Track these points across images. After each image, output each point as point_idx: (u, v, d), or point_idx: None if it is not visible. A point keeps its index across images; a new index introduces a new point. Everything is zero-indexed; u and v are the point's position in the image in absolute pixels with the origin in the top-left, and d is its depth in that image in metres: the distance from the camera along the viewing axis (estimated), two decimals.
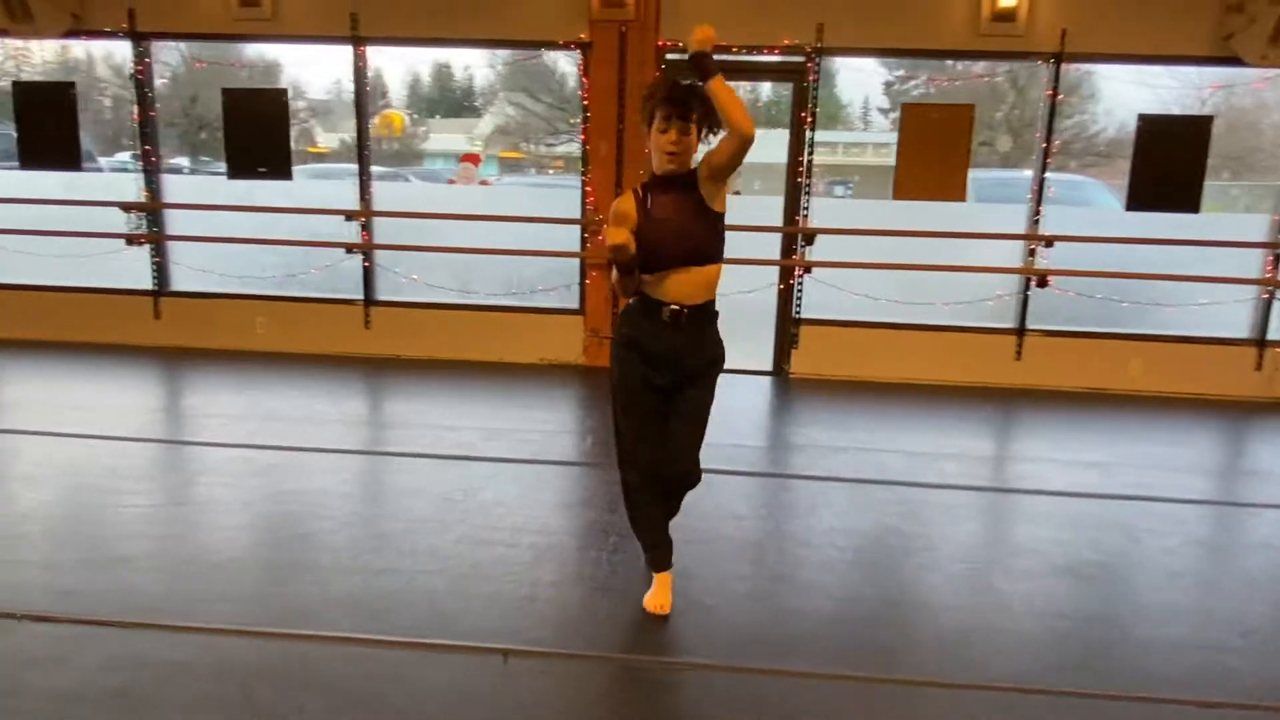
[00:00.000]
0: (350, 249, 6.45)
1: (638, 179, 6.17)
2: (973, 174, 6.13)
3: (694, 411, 2.92)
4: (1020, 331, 6.34)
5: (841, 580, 3.32)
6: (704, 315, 2.86)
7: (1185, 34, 5.81)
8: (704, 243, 2.80)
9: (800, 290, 6.36)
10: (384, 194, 6.65)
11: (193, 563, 3.26)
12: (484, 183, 6.59)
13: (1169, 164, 5.93)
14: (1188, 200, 5.97)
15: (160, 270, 6.77)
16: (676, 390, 2.91)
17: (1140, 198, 6.01)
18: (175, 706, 2.37)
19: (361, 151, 6.46)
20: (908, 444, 4.98)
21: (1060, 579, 3.37)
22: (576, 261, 6.51)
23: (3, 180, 7.04)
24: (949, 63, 6.43)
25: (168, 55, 6.86)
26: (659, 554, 3.04)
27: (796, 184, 6.26)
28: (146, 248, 6.66)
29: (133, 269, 6.74)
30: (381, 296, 6.75)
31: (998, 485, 4.45)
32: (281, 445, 4.56)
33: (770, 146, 7.29)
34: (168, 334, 6.81)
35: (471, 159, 6.40)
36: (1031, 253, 6.22)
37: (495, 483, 4.12)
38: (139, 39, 6.38)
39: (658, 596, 2.99)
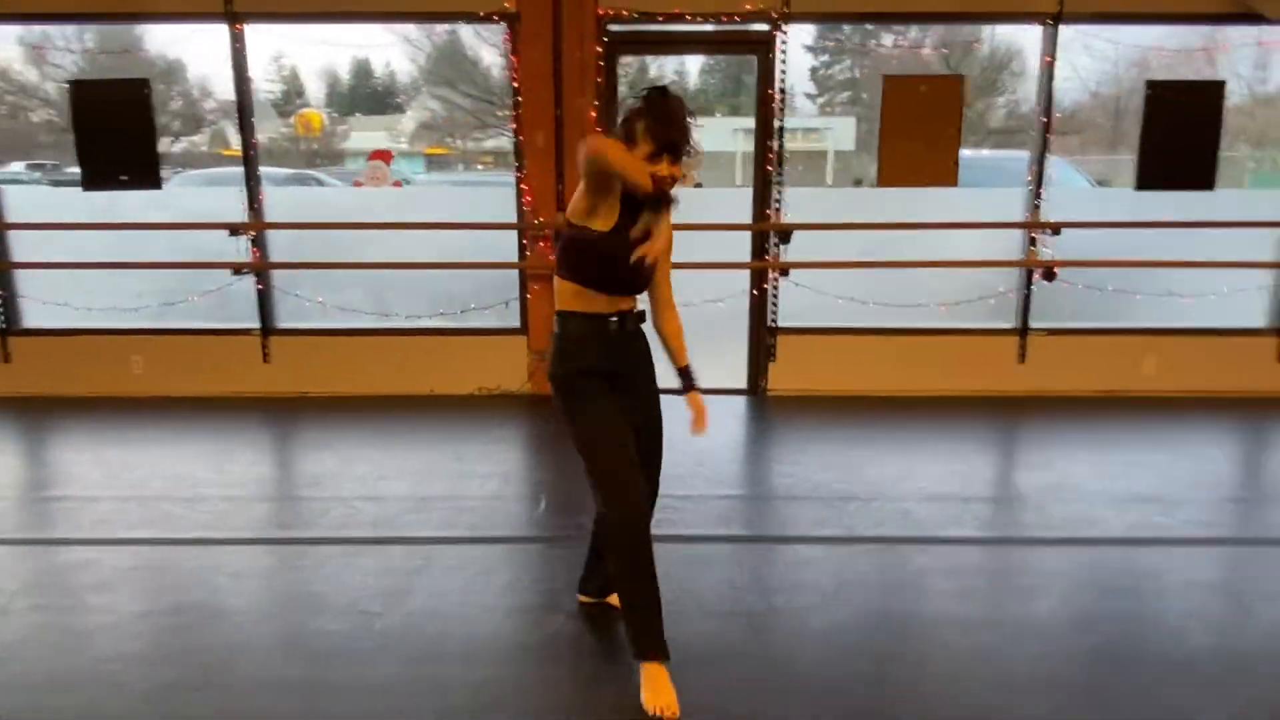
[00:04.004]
0: (239, 270, 5.36)
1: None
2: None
3: (658, 422, 2.61)
4: (1023, 331, 5.61)
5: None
6: (637, 316, 2.56)
7: None
8: (650, 276, 2.52)
9: (776, 296, 5.52)
10: (281, 202, 5.58)
11: None
12: (397, 184, 5.57)
13: (1181, 137, 5.26)
14: (1202, 176, 5.32)
15: (6, 305, 5.57)
16: (635, 403, 2.53)
17: (1151, 176, 5.32)
18: None
19: (248, 152, 5.37)
20: (907, 479, 4.14)
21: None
22: (515, 273, 5.56)
23: None
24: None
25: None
26: (659, 624, 2.40)
27: (765, 174, 5.41)
28: None
29: None
30: (283, 324, 5.68)
31: (1007, 535, 3.61)
32: (148, 538, 3.52)
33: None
34: (20, 381, 5.62)
35: (383, 156, 5.39)
36: (1033, 242, 5.50)
37: (427, 578, 3.16)
38: None
39: (661, 692, 2.35)
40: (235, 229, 5.28)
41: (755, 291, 5.51)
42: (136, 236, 5.46)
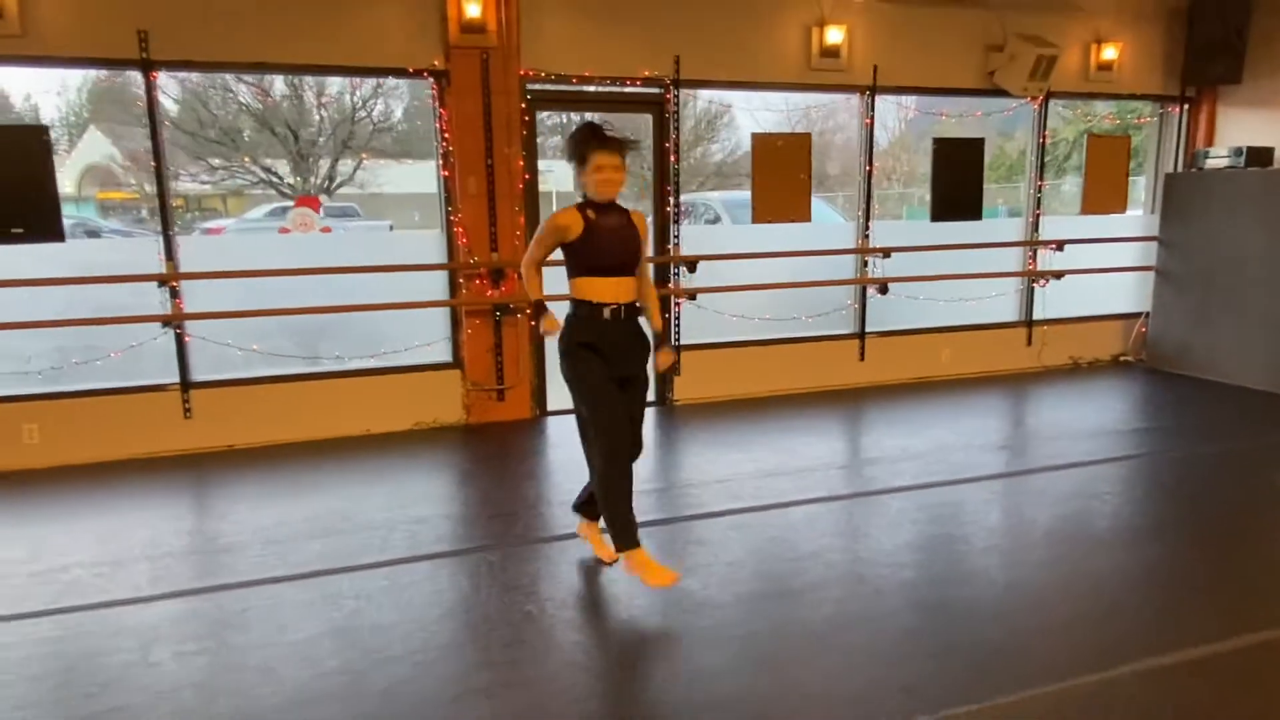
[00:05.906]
0: (167, 322, 5.14)
1: (513, 213, 5.78)
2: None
3: (640, 398, 3.52)
4: (862, 335, 6.99)
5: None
6: (633, 310, 3.44)
7: (960, 69, 6.87)
8: (632, 258, 3.40)
9: (679, 318, 6.38)
10: (192, 250, 5.39)
11: None
12: (325, 230, 5.67)
13: (957, 179, 6.96)
14: (973, 209, 7.06)
15: None
16: (625, 383, 3.41)
17: (941, 210, 6.97)
18: None
19: (163, 200, 5.18)
20: (838, 453, 5.24)
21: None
22: (446, 312, 5.88)
23: None
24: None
25: None
26: (633, 528, 3.33)
27: (665, 213, 6.27)
28: None
29: None
30: (200, 376, 5.48)
31: (940, 479, 4.75)
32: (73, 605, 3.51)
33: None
34: None
35: (310, 203, 5.47)
36: (865, 264, 6.90)
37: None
38: None
39: (653, 570, 3.26)
40: (163, 280, 5.08)
41: (665, 315, 6.33)
42: (25, 294, 4.98)
